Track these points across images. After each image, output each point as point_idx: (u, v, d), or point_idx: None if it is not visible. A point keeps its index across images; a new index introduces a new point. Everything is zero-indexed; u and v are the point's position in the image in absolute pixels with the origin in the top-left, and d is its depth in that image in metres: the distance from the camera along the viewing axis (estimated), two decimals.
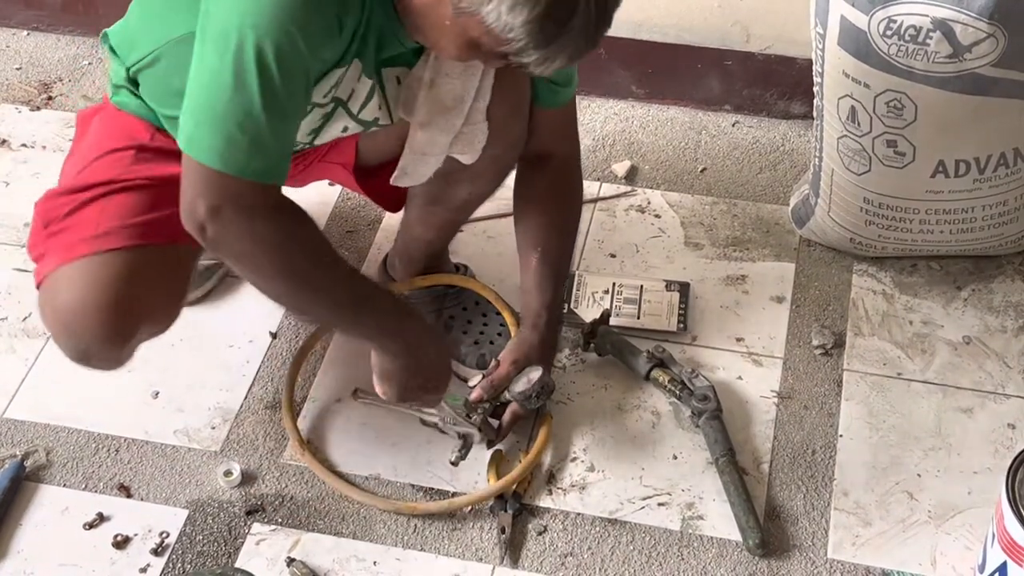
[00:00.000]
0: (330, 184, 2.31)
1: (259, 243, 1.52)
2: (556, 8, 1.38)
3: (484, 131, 1.76)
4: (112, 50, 1.76)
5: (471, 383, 1.91)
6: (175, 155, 1.64)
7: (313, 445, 1.92)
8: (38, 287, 1.69)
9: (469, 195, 1.91)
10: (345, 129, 1.72)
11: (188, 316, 2.10)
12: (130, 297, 1.64)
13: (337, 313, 1.64)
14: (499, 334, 2.05)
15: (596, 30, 1.43)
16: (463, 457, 1.86)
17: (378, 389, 1.75)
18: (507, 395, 1.87)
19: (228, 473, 1.87)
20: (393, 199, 2.00)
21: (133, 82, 1.73)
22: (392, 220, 2.18)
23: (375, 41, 1.58)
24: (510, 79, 1.73)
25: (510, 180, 1.93)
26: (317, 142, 1.74)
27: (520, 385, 1.86)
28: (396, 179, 1.81)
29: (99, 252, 1.64)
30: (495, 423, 1.89)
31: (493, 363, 1.89)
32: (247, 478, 1.88)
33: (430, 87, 1.69)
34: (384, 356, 1.71)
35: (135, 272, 1.65)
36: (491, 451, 1.90)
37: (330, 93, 1.61)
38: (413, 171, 1.79)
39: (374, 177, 1.94)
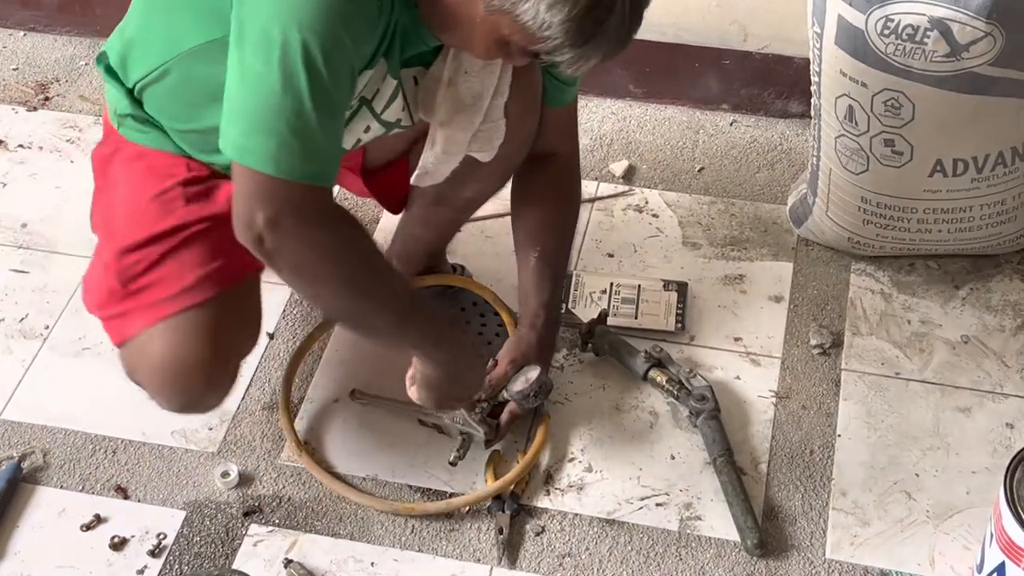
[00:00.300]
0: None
1: (318, 252, 1.49)
2: (595, 6, 1.38)
3: (502, 128, 1.76)
4: (110, 71, 1.72)
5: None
6: (218, 180, 1.68)
7: (310, 446, 1.92)
8: (119, 345, 1.70)
9: (475, 194, 1.90)
10: (367, 130, 1.69)
11: None
12: (224, 344, 1.67)
13: (389, 322, 1.61)
14: (497, 334, 2.05)
15: (629, 30, 1.43)
16: (462, 457, 1.85)
17: (414, 395, 1.75)
18: (505, 395, 1.87)
19: (225, 474, 1.87)
20: (397, 200, 1.99)
21: (137, 103, 1.71)
22: (390, 219, 2.17)
23: (400, 41, 1.57)
24: (526, 77, 1.73)
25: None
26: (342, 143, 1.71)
27: (518, 384, 1.86)
28: (417, 179, 1.79)
29: (192, 307, 1.64)
30: (493, 423, 1.89)
31: (491, 363, 1.89)
32: (244, 479, 1.88)
33: (449, 86, 1.68)
34: (428, 364, 1.70)
35: (223, 318, 1.66)
36: (489, 452, 1.89)
37: (359, 94, 1.60)
38: (434, 171, 1.78)
39: (378, 178, 1.94)
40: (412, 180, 1.80)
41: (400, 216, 2.04)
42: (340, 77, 1.44)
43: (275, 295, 2.13)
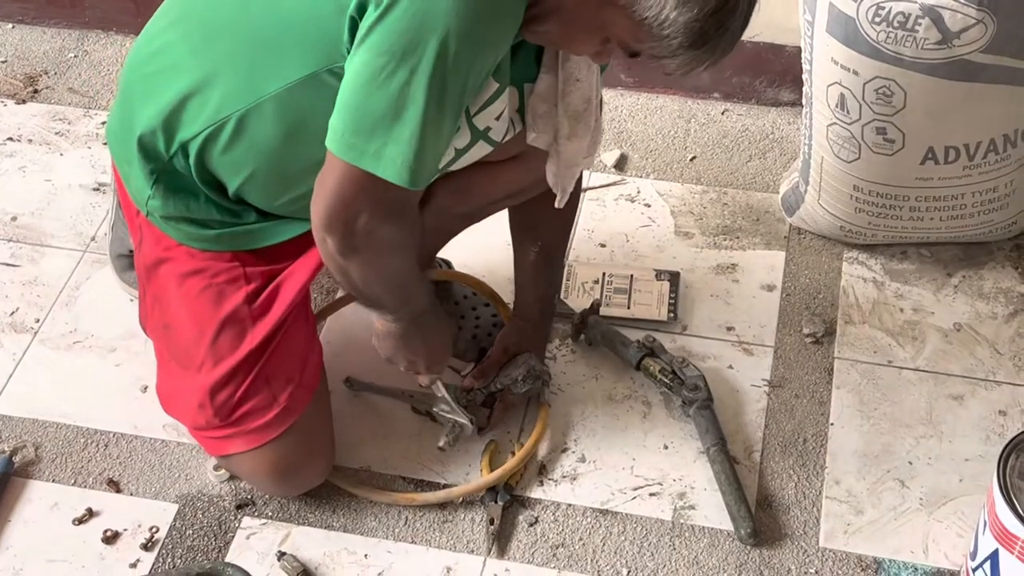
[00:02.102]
0: None
1: (392, 254, 1.54)
2: (722, 8, 1.35)
3: (601, 128, 1.75)
4: (142, 146, 1.63)
5: (463, 372, 1.92)
6: (273, 278, 1.72)
7: None
8: (221, 456, 1.79)
9: (503, 207, 1.89)
10: (456, 130, 1.55)
11: None
12: (320, 439, 1.80)
13: (385, 290, 1.64)
14: (494, 325, 2.04)
15: (740, 34, 1.42)
16: (452, 444, 1.85)
17: (374, 343, 1.78)
18: (498, 383, 1.87)
19: (218, 468, 1.86)
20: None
21: (170, 187, 1.66)
22: None
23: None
24: None
25: None
26: None
27: (509, 371, 1.86)
28: (559, 202, 1.76)
29: (293, 422, 1.72)
30: (485, 410, 1.89)
31: (489, 352, 1.90)
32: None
33: (563, 98, 1.64)
34: (387, 323, 1.72)
35: (315, 419, 1.77)
36: (484, 442, 1.89)
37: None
38: (567, 185, 1.75)
39: None
40: (556, 204, 1.75)
41: None
42: (475, 84, 1.43)
43: None
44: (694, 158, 2.40)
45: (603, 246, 2.22)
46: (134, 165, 1.67)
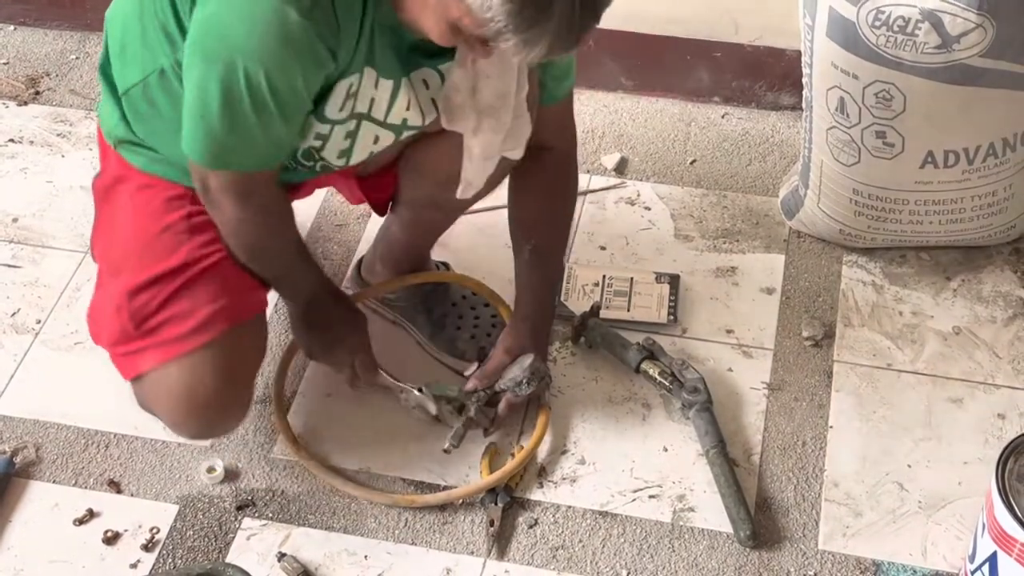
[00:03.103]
0: None
1: (233, 225, 1.68)
2: None
3: (528, 122, 1.76)
4: (108, 81, 1.75)
5: (466, 374, 1.92)
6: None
7: (303, 440, 1.92)
8: (133, 379, 1.75)
9: (471, 197, 1.90)
10: (376, 140, 1.70)
11: None
12: (237, 375, 1.74)
13: (272, 281, 1.81)
14: (493, 325, 2.04)
15: (581, 22, 1.40)
16: (456, 446, 1.85)
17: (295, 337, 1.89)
18: (500, 384, 1.87)
19: (211, 469, 1.87)
20: (384, 203, 1.99)
21: (130, 127, 1.73)
22: (373, 227, 2.17)
23: (389, 40, 1.57)
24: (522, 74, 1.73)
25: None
26: (352, 161, 1.72)
27: (511, 372, 1.86)
28: (463, 192, 1.79)
29: (209, 341, 1.70)
30: (490, 412, 1.89)
31: (490, 354, 1.90)
32: (231, 474, 1.88)
33: (472, 93, 1.67)
34: (289, 310, 1.88)
35: (235, 349, 1.73)
36: (484, 444, 1.89)
37: (346, 108, 1.61)
38: (475, 179, 1.78)
39: (369, 183, 1.93)
40: (458, 194, 1.80)
41: (382, 221, 2.04)
42: (282, 88, 1.52)
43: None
44: (694, 161, 2.40)
45: (603, 249, 2.22)
46: (103, 92, 1.76)
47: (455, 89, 1.67)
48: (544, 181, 1.90)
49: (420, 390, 1.89)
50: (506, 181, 1.92)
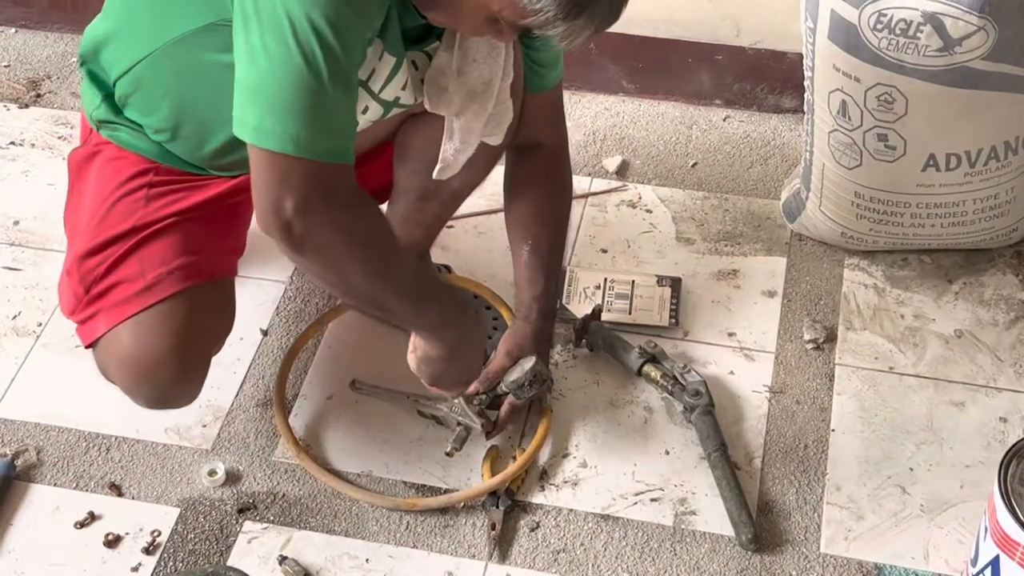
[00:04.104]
0: None
1: (346, 234, 1.48)
2: None
3: (511, 110, 1.76)
4: (91, 71, 1.74)
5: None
6: (185, 183, 1.71)
7: (305, 442, 1.92)
8: (89, 346, 1.73)
9: (461, 185, 1.89)
10: (365, 110, 1.66)
11: None
12: (192, 337, 1.69)
13: (407, 304, 1.62)
14: (494, 328, 2.04)
15: (621, 2, 1.43)
16: (459, 448, 1.85)
17: (414, 368, 1.75)
18: (502, 386, 1.87)
19: (212, 472, 1.87)
20: (377, 191, 1.99)
21: (115, 108, 1.73)
22: None
23: (396, 18, 1.56)
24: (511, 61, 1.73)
25: (499, 175, 1.93)
26: None
27: (514, 375, 1.86)
28: (439, 173, 1.77)
29: (155, 304, 1.67)
30: (492, 415, 1.89)
31: (492, 356, 1.89)
32: (232, 477, 1.88)
33: (458, 75, 1.67)
34: (434, 345, 1.69)
35: (190, 312, 1.69)
36: (486, 447, 1.89)
37: None
38: (454, 161, 1.77)
39: (359, 167, 1.94)
40: (434, 175, 1.78)
41: (385, 215, 2.04)
42: (353, 52, 1.44)
43: (268, 292, 2.13)
44: (695, 164, 2.40)
45: (604, 252, 2.22)
46: (84, 82, 1.75)
47: (440, 72, 1.67)
48: (538, 179, 1.90)
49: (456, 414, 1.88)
50: (502, 182, 1.92)
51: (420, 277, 1.67)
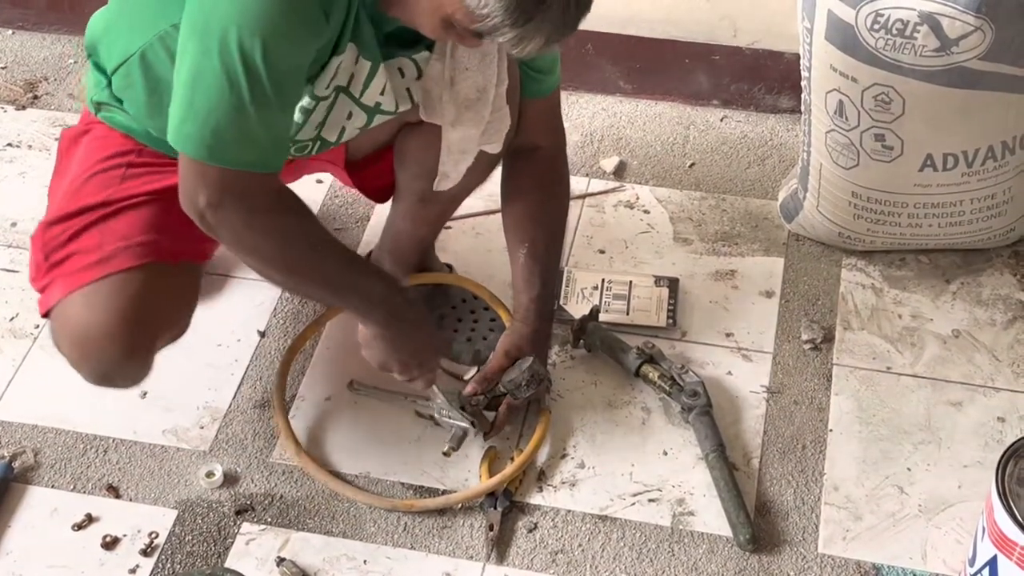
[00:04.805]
0: (318, 182, 2.31)
1: (256, 232, 1.56)
2: None
3: (507, 116, 1.76)
4: (96, 63, 1.75)
5: (466, 377, 1.92)
6: (165, 167, 1.68)
7: (303, 443, 1.91)
8: (45, 316, 1.71)
9: (460, 188, 1.90)
10: (350, 116, 1.69)
11: None
12: (143, 314, 1.66)
13: (324, 294, 1.76)
14: (491, 329, 2.05)
15: (576, 11, 1.41)
16: (456, 448, 1.85)
17: (364, 354, 1.79)
18: (500, 387, 1.87)
19: (210, 474, 1.87)
20: (379, 191, 2.00)
21: (116, 98, 1.73)
22: (380, 217, 2.17)
23: (369, 22, 1.57)
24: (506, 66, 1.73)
25: (497, 177, 1.93)
26: (324, 134, 1.72)
27: (511, 374, 1.86)
28: (439, 184, 1.80)
29: (108, 275, 1.65)
30: (490, 415, 1.89)
31: (491, 356, 1.90)
32: (230, 479, 1.88)
33: (451, 85, 1.68)
34: (368, 326, 1.75)
35: (144, 289, 1.66)
36: (484, 448, 1.89)
37: (331, 84, 1.61)
38: (453, 171, 1.79)
39: (361, 171, 1.94)
40: (435, 187, 1.80)
41: (388, 213, 2.04)
42: (282, 75, 1.47)
43: (265, 293, 2.13)
44: (693, 164, 2.40)
45: (602, 252, 2.22)
46: (90, 69, 1.76)
47: (433, 81, 1.68)
48: (535, 181, 1.90)
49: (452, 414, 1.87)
50: (499, 183, 1.92)
51: (343, 269, 1.67)
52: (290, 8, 1.44)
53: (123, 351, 1.66)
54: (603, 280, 2.15)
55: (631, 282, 2.14)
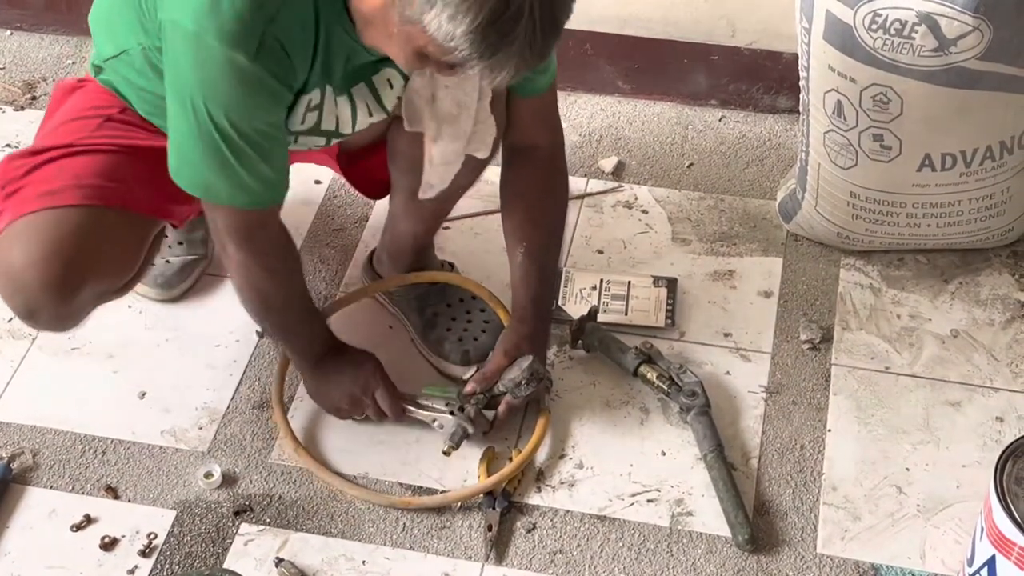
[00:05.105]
0: (316, 183, 2.31)
1: (241, 274, 1.73)
2: (497, 17, 1.34)
3: (494, 125, 1.76)
4: (97, 42, 1.77)
5: (465, 376, 1.92)
6: (142, 128, 1.74)
7: (301, 444, 1.91)
8: None
9: (453, 186, 1.90)
10: (339, 139, 1.77)
11: (174, 315, 2.10)
12: (73, 252, 1.65)
13: (278, 339, 1.93)
14: (483, 331, 2.04)
15: (543, 40, 1.39)
16: (456, 447, 1.85)
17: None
18: (499, 386, 1.87)
19: (208, 475, 1.87)
20: (374, 186, 2.01)
21: (114, 70, 1.76)
22: (379, 217, 2.17)
23: (343, 58, 1.60)
24: None
25: (495, 176, 1.93)
26: (312, 146, 1.77)
27: (511, 373, 1.86)
28: (424, 192, 1.82)
29: (50, 208, 1.66)
30: (489, 414, 1.89)
31: (490, 356, 1.91)
32: (228, 479, 1.88)
33: (432, 102, 1.69)
34: (300, 369, 1.93)
35: (84, 229, 1.66)
36: (482, 448, 1.89)
37: (308, 120, 1.65)
38: (439, 182, 1.81)
39: (355, 165, 1.95)
40: (420, 195, 1.82)
41: (387, 212, 2.04)
42: (254, 133, 1.56)
43: None
44: (691, 165, 2.40)
45: (600, 252, 2.22)
46: (94, 41, 1.80)
47: (416, 94, 1.70)
48: (533, 181, 1.90)
49: (453, 413, 1.87)
50: (498, 184, 1.93)
51: (291, 326, 1.84)
52: (246, 85, 1.51)
53: (44, 284, 1.64)
54: (601, 280, 2.15)
55: (630, 282, 2.14)
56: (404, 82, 1.70)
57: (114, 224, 1.70)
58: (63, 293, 1.67)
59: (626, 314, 2.09)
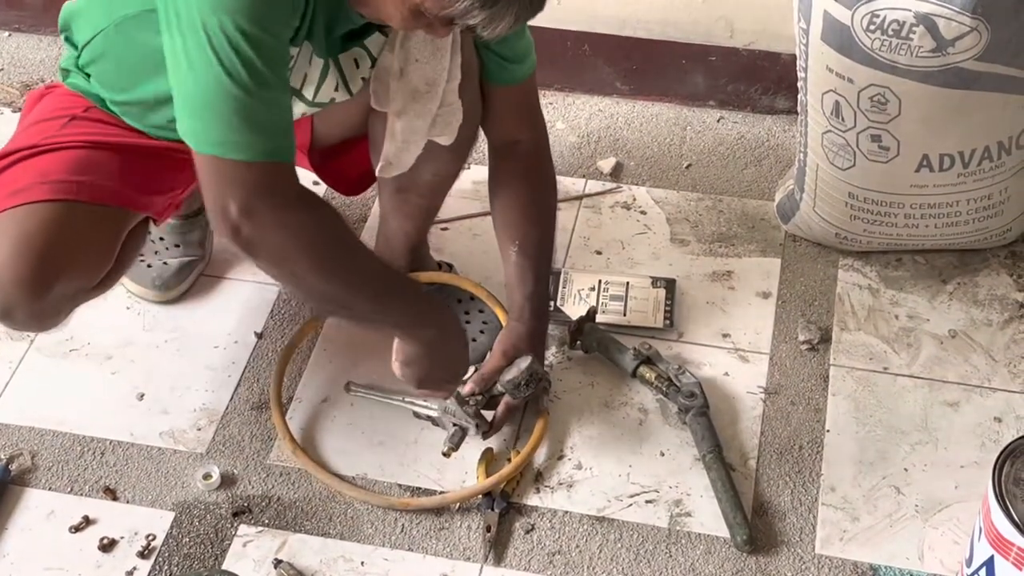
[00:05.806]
0: (315, 183, 2.31)
1: (294, 233, 1.51)
2: None
3: (459, 110, 1.76)
4: (67, 38, 1.77)
5: (464, 377, 1.92)
6: (108, 124, 1.73)
7: (300, 445, 1.91)
8: None
9: (434, 176, 1.89)
10: (303, 114, 1.74)
11: (173, 317, 2.10)
12: (44, 247, 1.63)
13: (369, 301, 1.62)
14: (481, 332, 2.04)
15: None
16: (455, 448, 1.85)
17: (397, 371, 1.76)
18: (498, 387, 1.87)
19: (207, 476, 1.87)
20: (350, 183, 2.00)
21: (83, 70, 1.76)
22: (375, 220, 2.17)
23: (324, 21, 1.58)
24: (461, 54, 1.74)
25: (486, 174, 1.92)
26: None
27: (509, 374, 1.85)
28: (382, 170, 1.81)
29: (17, 206, 1.64)
30: (488, 415, 1.89)
31: (488, 356, 1.90)
32: (227, 481, 1.87)
33: (400, 76, 1.69)
34: (410, 342, 1.72)
35: (53, 223, 1.64)
36: (482, 449, 1.89)
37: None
38: (397, 160, 1.79)
39: (330, 161, 1.95)
40: (377, 172, 1.82)
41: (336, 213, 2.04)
42: (272, 55, 1.46)
43: (262, 295, 2.13)
44: (689, 165, 2.40)
45: (599, 253, 2.22)
46: (65, 47, 1.79)
47: (385, 71, 1.69)
48: (519, 177, 1.89)
49: (452, 413, 1.87)
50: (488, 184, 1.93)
51: (380, 274, 1.64)
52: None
53: (16, 281, 1.62)
54: (600, 281, 2.15)
55: (628, 283, 2.14)
56: (371, 64, 1.70)
57: (85, 218, 1.67)
58: (35, 289, 1.64)
59: (625, 315, 2.09)
